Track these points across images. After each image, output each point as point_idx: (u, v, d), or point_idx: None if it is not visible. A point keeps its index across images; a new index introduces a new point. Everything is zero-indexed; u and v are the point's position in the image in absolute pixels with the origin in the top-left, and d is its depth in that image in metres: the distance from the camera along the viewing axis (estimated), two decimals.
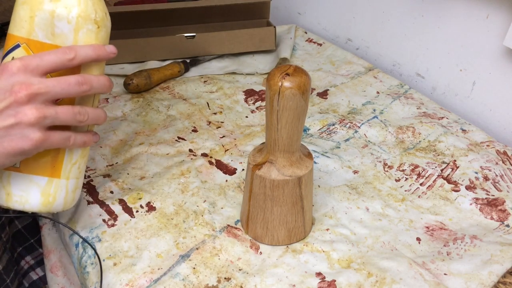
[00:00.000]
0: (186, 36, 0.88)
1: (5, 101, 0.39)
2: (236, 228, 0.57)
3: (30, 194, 0.46)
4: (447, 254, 0.54)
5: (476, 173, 0.65)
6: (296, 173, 0.50)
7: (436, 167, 0.67)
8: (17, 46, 0.43)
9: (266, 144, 0.51)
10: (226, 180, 0.64)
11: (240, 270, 0.52)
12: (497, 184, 0.64)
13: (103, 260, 0.53)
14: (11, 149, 0.40)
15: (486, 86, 0.77)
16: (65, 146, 0.45)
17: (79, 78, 0.42)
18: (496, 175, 0.65)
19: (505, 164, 0.67)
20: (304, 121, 0.49)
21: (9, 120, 0.39)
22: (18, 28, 0.43)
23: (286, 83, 0.45)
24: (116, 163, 0.67)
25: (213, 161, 0.68)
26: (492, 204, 0.61)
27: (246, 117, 0.78)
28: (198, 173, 0.65)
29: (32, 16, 0.43)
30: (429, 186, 0.64)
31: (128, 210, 0.59)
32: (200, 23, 0.94)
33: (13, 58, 0.44)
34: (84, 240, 0.52)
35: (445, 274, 0.51)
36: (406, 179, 0.65)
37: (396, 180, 0.65)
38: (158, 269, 0.51)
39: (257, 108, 0.80)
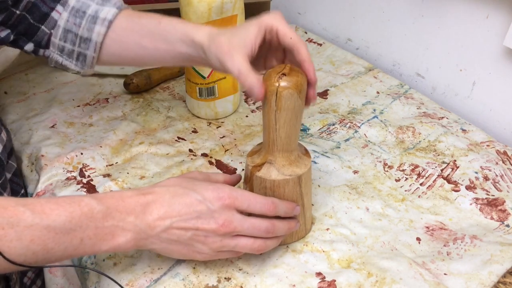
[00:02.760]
0: None
1: (208, 225, 0.45)
2: None
3: None
4: (447, 254, 0.54)
5: (476, 173, 0.65)
6: (296, 172, 0.50)
7: (436, 167, 0.67)
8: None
9: (264, 145, 0.51)
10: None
11: (240, 270, 0.52)
12: (497, 184, 0.64)
13: (103, 260, 0.53)
14: (187, 255, 0.48)
15: (486, 86, 0.77)
16: (235, 256, 0.51)
17: (269, 227, 0.48)
18: (496, 175, 0.65)
19: (505, 164, 0.67)
20: (301, 120, 0.50)
21: (199, 238, 0.46)
22: (200, 17, 0.65)
23: (283, 83, 0.45)
24: (116, 162, 0.67)
25: (213, 161, 0.68)
26: (492, 204, 0.61)
27: (246, 116, 0.78)
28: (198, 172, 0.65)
29: (210, 8, 0.64)
30: (429, 186, 0.64)
31: None
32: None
33: None
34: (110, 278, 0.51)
35: (445, 274, 0.51)
36: (406, 179, 0.65)
37: (396, 180, 0.65)
38: (158, 269, 0.51)
39: (257, 108, 0.80)
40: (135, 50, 0.59)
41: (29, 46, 0.60)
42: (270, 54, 0.54)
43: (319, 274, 0.51)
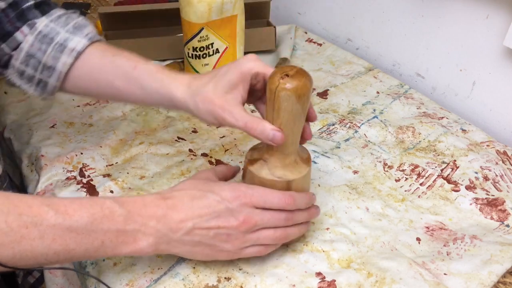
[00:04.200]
0: None
1: (228, 223, 0.46)
2: None
3: None
4: (447, 254, 0.54)
5: (476, 173, 0.65)
6: (287, 176, 0.50)
7: (436, 167, 0.67)
8: (202, 29, 0.66)
9: (264, 142, 0.51)
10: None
11: (240, 270, 0.52)
12: (497, 184, 0.64)
13: (103, 260, 0.53)
14: (210, 255, 0.48)
15: (486, 86, 0.77)
16: (259, 255, 0.51)
17: (288, 216, 0.49)
18: (496, 175, 0.65)
19: (505, 164, 0.67)
20: (302, 125, 0.49)
21: (222, 237, 0.47)
22: (199, 17, 0.66)
23: (283, 84, 0.45)
24: (116, 162, 0.67)
25: (213, 161, 0.68)
26: (492, 204, 0.61)
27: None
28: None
29: (210, 8, 0.65)
30: (429, 186, 0.64)
31: None
32: None
33: (198, 41, 0.65)
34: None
35: (445, 274, 0.51)
36: (406, 179, 0.65)
37: (396, 180, 0.65)
38: (158, 269, 0.51)
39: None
40: (106, 89, 0.56)
41: None
42: (255, 99, 0.54)
43: (319, 274, 0.51)
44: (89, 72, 0.56)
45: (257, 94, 0.53)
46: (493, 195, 0.62)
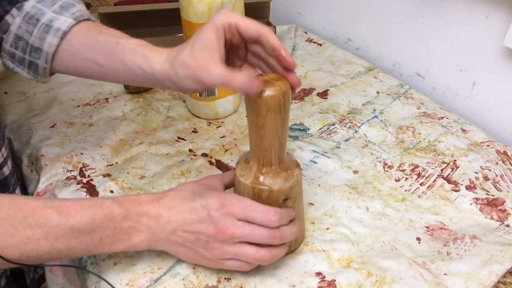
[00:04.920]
0: None
1: (207, 229, 0.46)
2: None
3: None
4: (447, 254, 0.54)
5: (476, 173, 0.65)
6: (273, 185, 0.48)
7: (436, 167, 0.67)
8: None
9: None
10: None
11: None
12: (497, 184, 0.64)
13: (103, 260, 0.53)
14: (195, 259, 0.49)
15: (486, 86, 0.77)
16: (242, 270, 0.50)
17: (274, 233, 0.47)
18: (496, 175, 0.65)
19: (505, 164, 0.67)
20: (284, 133, 0.47)
21: (201, 243, 0.47)
22: (200, 17, 0.65)
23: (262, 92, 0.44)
24: (116, 162, 0.67)
25: (213, 161, 0.68)
26: (492, 204, 0.61)
27: (246, 116, 0.77)
28: (198, 173, 0.65)
29: (210, 8, 0.64)
30: (429, 186, 0.64)
31: None
32: None
33: None
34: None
35: (445, 274, 0.51)
36: (406, 179, 0.65)
37: (396, 180, 0.65)
38: (158, 268, 0.51)
39: None
40: (91, 66, 0.55)
41: None
42: (231, 54, 0.51)
43: (319, 274, 0.51)
44: (75, 51, 0.55)
45: (239, 52, 0.50)
46: (493, 195, 0.62)
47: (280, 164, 0.49)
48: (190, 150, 0.69)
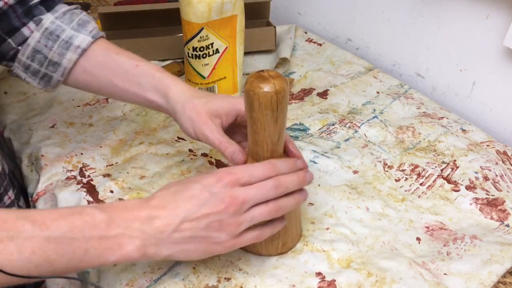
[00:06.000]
0: None
1: (215, 208, 0.44)
2: None
3: None
4: (447, 254, 0.54)
5: (476, 173, 0.65)
6: None
7: (436, 167, 0.67)
8: (202, 29, 0.66)
9: None
10: None
11: (240, 270, 0.52)
12: (497, 184, 0.64)
13: None
14: (206, 250, 0.46)
15: (486, 86, 0.77)
16: (257, 241, 0.48)
17: (275, 182, 0.46)
18: (496, 175, 0.65)
19: (505, 164, 0.67)
20: (276, 132, 0.47)
21: (213, 225, 0.44)
22: (199, 17, 0.65)
23: (248, 86, 0.45)
24: (116, 162, 0.67)
25: (213, 161, 0.68)
26: (492, 204, 0.61)
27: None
28: (198, 173, 0.65)
29: (210, 8, 0.64)
30: (429, 186, 0.64)
31: None
32: None
33: (198, 41, 0.67)
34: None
35: (445, 274, 0.51)
36: (406, 179, 0.65)
37: (396, 180, 0.65)
38: (158, 268, 0.51)
39: None
40: (104, 85, 0.58)
41: None
42: (235, 130, 0.56)
43: (319, 274, 0.51)
44: (91, 68, 0.58)
45: (239, 131, 0.56)
46: (493, 195, 0.62)
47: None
48: (190, 150, 0.69)
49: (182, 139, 0.72)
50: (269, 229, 0.48)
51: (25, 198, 0.69)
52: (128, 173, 0.64)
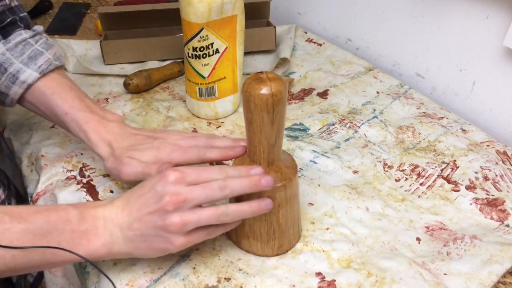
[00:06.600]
0: None
1: (157, 205, 0.44)
2: None
3: None
4: (447, 254, 0.54)
5: (476, 173, 0.65)
6: None
7: (436, 167, 0.67)
8: (202, 29, 0.66)
9: None
10: None
11: (240, 270, 0.52)
12: (497, 184, 0.64)
13: (103, 260, 0.52)
14: (158, 248, 0.46)
15: (486, 86, 0.77)
16: (209, 238, 0.48)
17: (221, 183, 0.45)
18: (496, 175, 0.65)
19: (505, 164, 0.67)
20: (273, 134, 0.47)
21: (158, 223, 0.44)
22: (199, 17, 0.65)
23: (245, 86, 0.45)
24: None
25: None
26: (492, 204, 0.61)
27: None
28: None
29: (210, 8, 0.64)
30: (429, 186, 0.64)
31: None
32: None
33: (198, 41, 0.67)
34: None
35: (445, 274, 0.51)
36: (406, 179, 0.65)
37: (396, 180, 0.65)
38: (158, 269, 0.51)
39: None
40: (46, 116, 0.61)
41: None
42: None
43: (318, 274, 0.51)
44: (35, 102, 0.60)
45: None
46: (493, 195, 0.62)
47: (270, 165, 0.49)
48: None
49: None
50: (221, 228, 0.48)
51: (19, 201, 0.69)
52: None
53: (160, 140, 0.56)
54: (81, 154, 0.67)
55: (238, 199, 0.49)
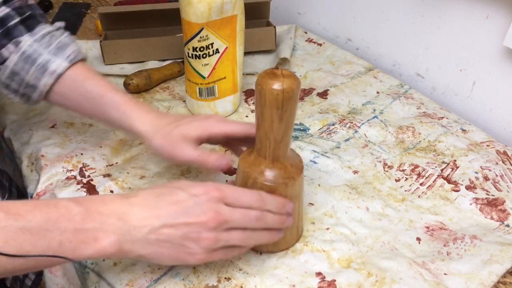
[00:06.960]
0: None
1: (198, 218, 0.43)
2: None
3: None
4: (447, 254, 0.54)
5: (476, 173, 0.65)
6: (259, 176, 0.49)
7: (436, 167, 0.67)
8: (202, 29, 0.66)
9: None
10: (226, 180, 0.64)
11: (240, 270, 0.52)
12: (497, 184, 0.64)
13: (103, 260, 0.53)
14: (177, 258, 0.45)
15: (486, 86, 0.77)
16: (224, 258, 0.49)
17: (259, 215, 0.46)
18: (496, 175, 0.65)
19: (505, 164, 0.67)
20: (281, 130, 0.47)
21: (192, 235, 0.43)
22: (199, 17, 0.65)
23: (259, 79, 0.46)
24: (116, 162, 0.67)
25: None
26: (492, 204, 0.61)
27: (246, 116, 0.78)
28: (198, 173, 0.65)
29: (210, 8, 0.64)
30: (429, 186, 0.64)
31: None
32: None
33: (198, 41, 0.67)
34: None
35: (445, 274, 0.51)
36: (406, 179, 0.65)
37: (396, 180, 0.65)
38: (158, 268, 0.51)
39: None
40: (76, 108, 0.60)
41: None
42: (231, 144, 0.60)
43: (319, 274, 0.51)
44: (64, 91, 0.59)
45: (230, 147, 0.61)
46: (493, 195, 0.62)
47: (275, 161, 0.49)
48: None
49: None
50: (237, 252, 0.48)
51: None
52: (128, 173, 0.64)
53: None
54: (81, 154, 0.67)
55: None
